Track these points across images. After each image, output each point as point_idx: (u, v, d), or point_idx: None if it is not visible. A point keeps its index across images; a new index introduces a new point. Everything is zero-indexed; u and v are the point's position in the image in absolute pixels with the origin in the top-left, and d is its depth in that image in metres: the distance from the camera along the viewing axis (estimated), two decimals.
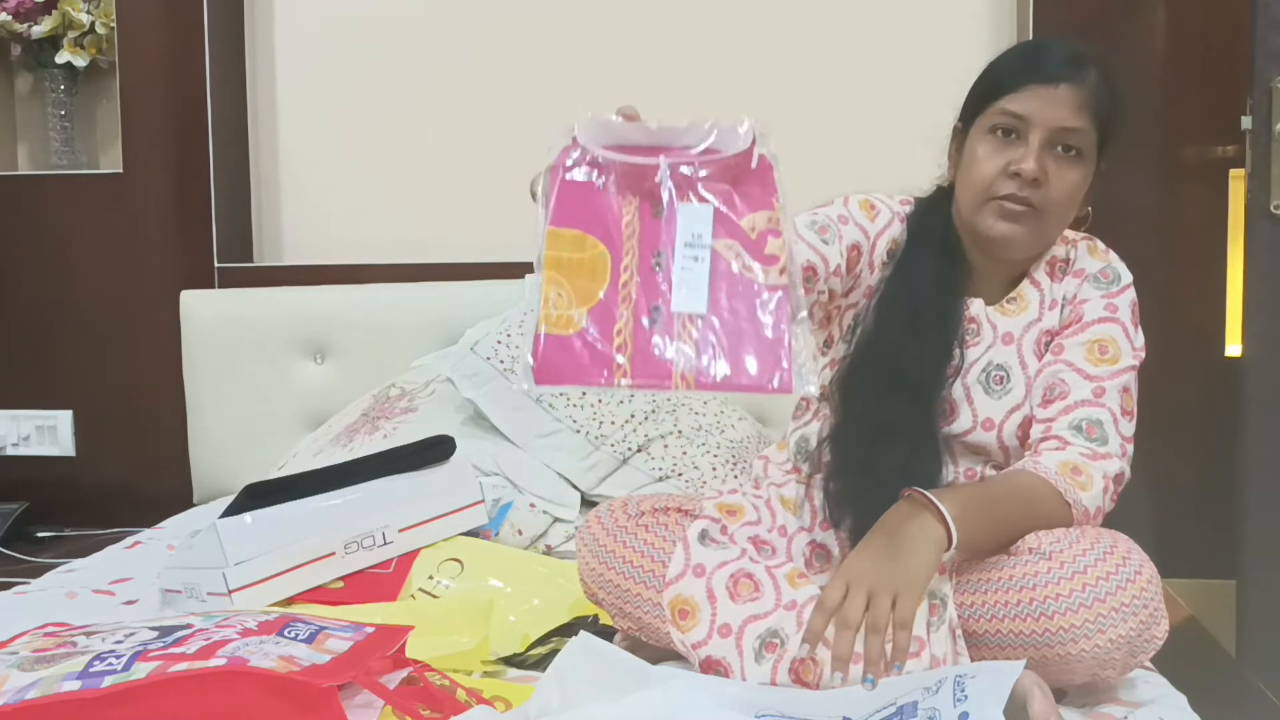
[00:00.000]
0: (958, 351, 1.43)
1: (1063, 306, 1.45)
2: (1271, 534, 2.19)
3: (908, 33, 2.53)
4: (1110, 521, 1.35)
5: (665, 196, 1.01)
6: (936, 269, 1.44)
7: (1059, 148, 1.37)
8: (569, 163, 1.03)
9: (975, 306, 1.47)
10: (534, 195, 1.05)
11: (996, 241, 1.41)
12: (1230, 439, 2.25)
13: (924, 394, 1.42)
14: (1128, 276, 1.46)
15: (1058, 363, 1.42)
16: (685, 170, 1.02)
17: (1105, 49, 2.35)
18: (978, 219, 1.41)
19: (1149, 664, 1.38)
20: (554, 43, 2.63)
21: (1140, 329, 1.44)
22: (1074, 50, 1.40)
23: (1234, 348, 2.33)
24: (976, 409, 1.44)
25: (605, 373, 0.94)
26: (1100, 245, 1.49)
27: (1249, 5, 2.16)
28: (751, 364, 0.96)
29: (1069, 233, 1.49)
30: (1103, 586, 1.22)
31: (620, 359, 0.95)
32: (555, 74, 2.62)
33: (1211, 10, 2.36)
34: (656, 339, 0.96)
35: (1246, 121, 2.19)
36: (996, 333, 1.46)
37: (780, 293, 0.98)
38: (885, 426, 1.39)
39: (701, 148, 1.03)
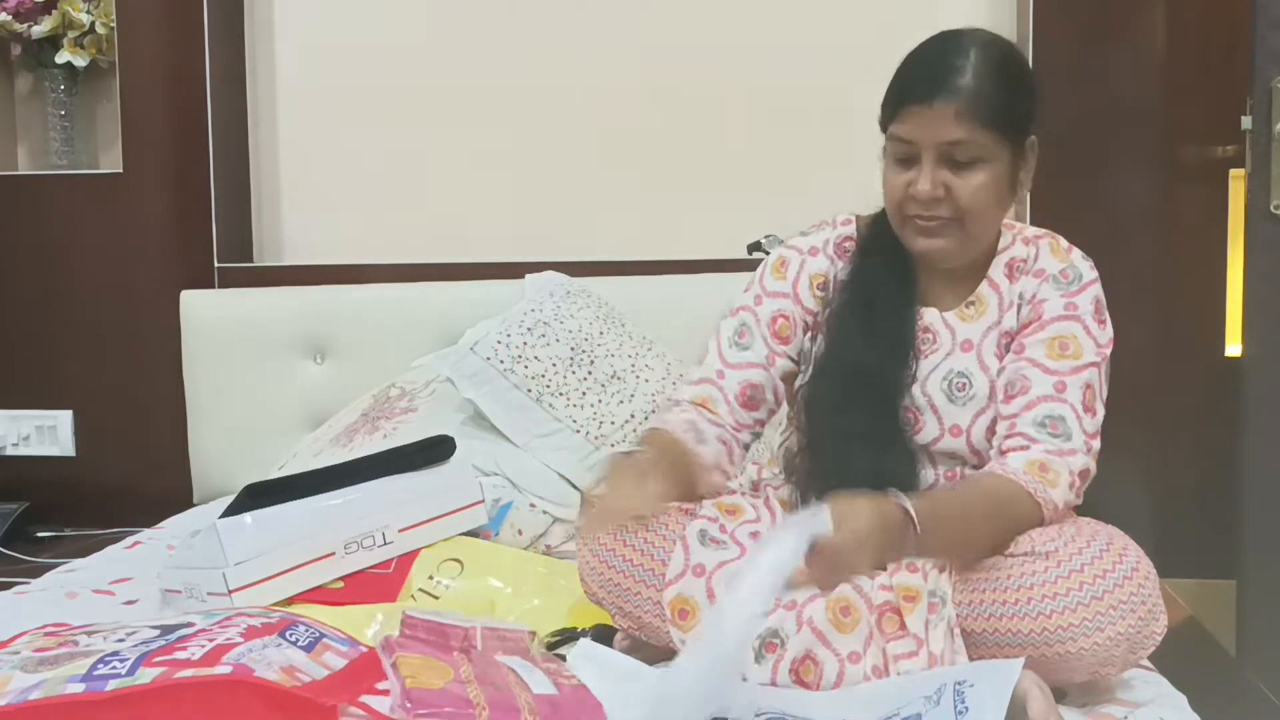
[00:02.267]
0: (912, 361, 1.44)
1: (1020, 306, 1.45)
2: (1271, 534, 2.19)
3: (906, 34, 2.52)
4: (1110, 520, 1.35)
5: None
6: (886, 278, 1.46)
7: (953, 160, 1.36)
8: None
9: (929, 316, 1.47)
10: None
11: (923, 256, 1.43)
12: (1230, 439, 2.24)
13: (886, 400, 1.43)
14: (1091, 274, 1.44)
15: (1019, 360, 1.41)
16: None
17: (1105, 49, 2.38)
18: (902, 237, 1.43)
19: (1149, 664, 1.38)
20: (554, 43, 2.63)
21: (1107, 325, 1.43)
22: (942, 57, 1.38)
23: (1234, 348, 2.33)
24: (942, 417, 1.44)
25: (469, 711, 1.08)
26: (1063, 244, 1.48)
27: (1249, 5, 2.16)
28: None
29: (1031, 231, 1.48)
30: (1100, 584, 1.22)
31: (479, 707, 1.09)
32: (555, 75, 2.63)
33: (1211, 10, 2.36)
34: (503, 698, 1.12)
35: (1246, 121, 2.19)
36: (955, 339, 1.46)
37: None
38: (853, 435, 1.40)
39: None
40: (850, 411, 1.41)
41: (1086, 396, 1.38)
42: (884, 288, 1.46)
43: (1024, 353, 1.41)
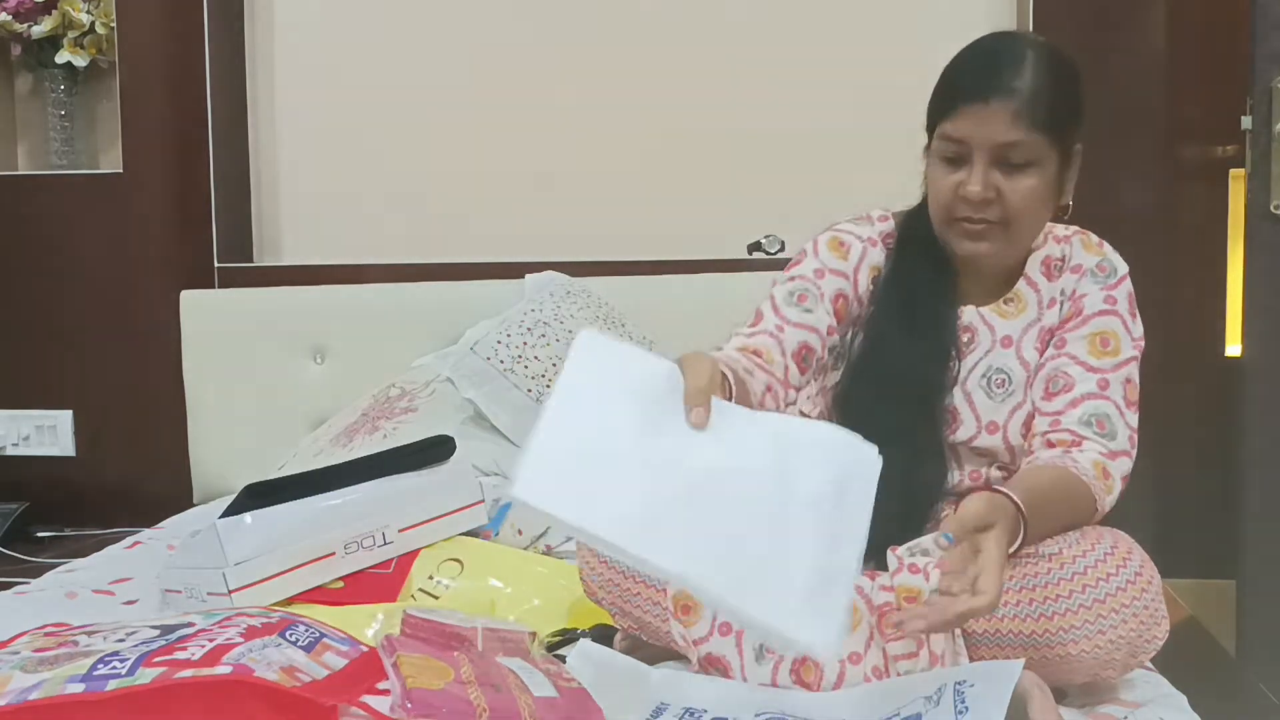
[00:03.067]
0: (955, 362, 1.43)
1: (1062, 303, 1.46)
2: (1271, 534, 2.19)
3: (905, 35, 2.53)
4: (1111, 521, 1.35)
5: None
6: (926, 278, 1.45)
7: (1006, 162, 1.34)
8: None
9: (968, 314, 1.46)
10: None
11: (968, 259, 1.42)
12: (1230, 439, 2.25)
13: (925, 401, 1.42)
14: (1123, 267, 1.46)
15: (1060, 356, 1.42)
16: None
17: (1105, 49, 2.38)
18: (947, 239, 1.41)
19: (1149, 664, 1.38)
20: (554, 43, 2.63)
21: (1138, 318, 1.45)
22: (1001, 57, 1.35)
23: (1234, 348, 2.33)
24: (979, 414, 1.44)
25: (470, 713, 1.05)
26: (1093, 238, 1.49)
27: (1249, 5, 2.16)
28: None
29: (1060, 229, 1.49)
30: (1103, 587, 1.22)
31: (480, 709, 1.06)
32: (556, 74, 2.63)
33: (1211, 10, 2.37)
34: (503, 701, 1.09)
35: (1246, 121, 2.19)
36: (995, 336, 1.46)
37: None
38: (887, 436, 1.39)
39: None
40: (889, 414, 1.40)
41: (1128, 392, 1.40)
42: (924, 289, 1.44)
43: (1065, 348, 1.42)
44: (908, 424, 1.40)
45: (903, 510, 1.38)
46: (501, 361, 2.18)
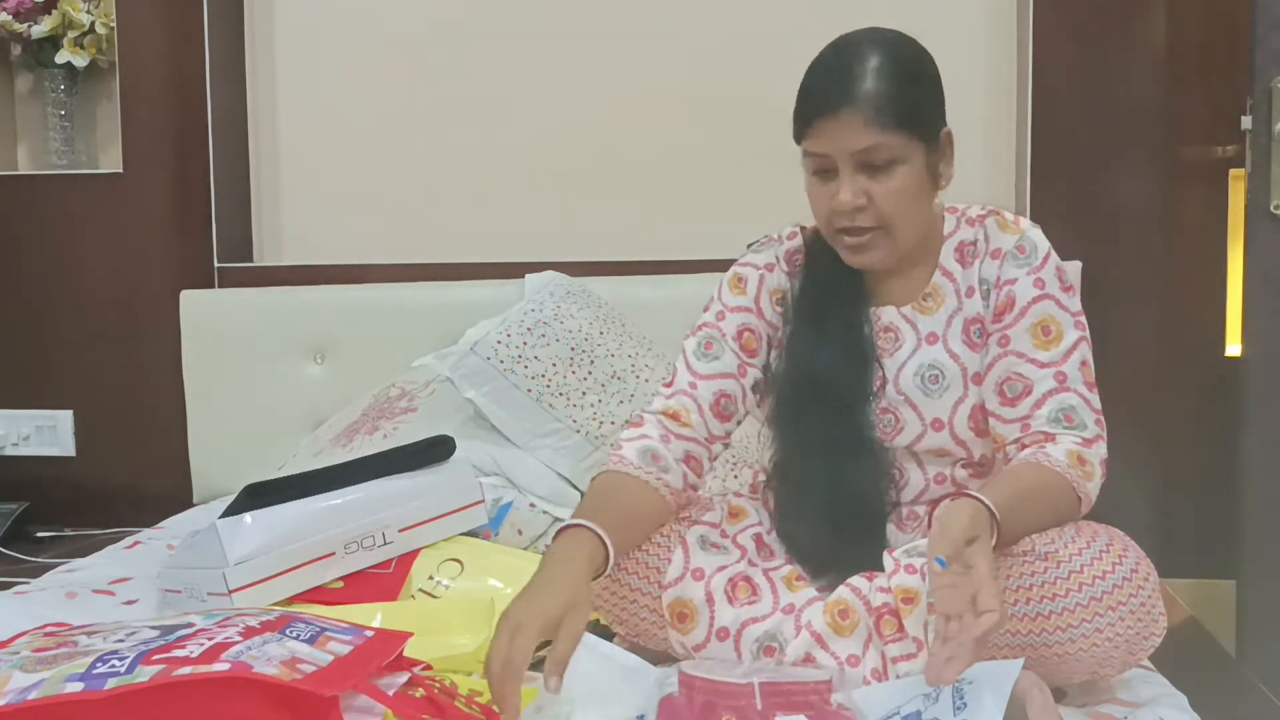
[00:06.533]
0: (873, 364, 1.43)
1: (988, 291, 1.42)
2: (1271, 534, 2.19)
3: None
4: (1110, 520, 1.35)
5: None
6: (834, 286, 1.45)
7: (870, 165, 1.34)
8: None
9: (888, 315, 1.45)
10: None
11: (860, 268, 1.42)
12: (1230, 439, 2.25)
13: (852, 408, 1.42)
14: (1045, 244, 1.42)
15: (1008, 355, 1.39)
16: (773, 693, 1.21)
17: (1105, 49, 2.38)
18: (836, 250, 1.42)
19: (1149, 664, 1.38)
20: (554, 41, 2.63)
21: (1074, 292, 1.41)
22: (841, 67, 1.37)
23: (1234, 348, 2.33)
24: (922, 413, 1.42)
25: None
26: (1008, 216, 1.45)
27: (1249, 5, 2.16)
28: None
29: (974, 210, 1.46)
30: (1099, 586, 1.22)
31: None
32: (556, 72, 2.63)
33: (1211, 10, 2.36)
34: None
35: (1246, 121, 2.19)
36: (919, 334, 1.44)
37: None
38: (823, 447, 1.40)
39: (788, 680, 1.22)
40: (820, 425, 1.41)
41: (1086, 375, 1.38)
42: (834, 296, 1.45)
43: (1009, 345, 1.39)
44: (840, 432, 1.40)
45: (857, 515, 1.38)
46: (501, 361, 2.18)
